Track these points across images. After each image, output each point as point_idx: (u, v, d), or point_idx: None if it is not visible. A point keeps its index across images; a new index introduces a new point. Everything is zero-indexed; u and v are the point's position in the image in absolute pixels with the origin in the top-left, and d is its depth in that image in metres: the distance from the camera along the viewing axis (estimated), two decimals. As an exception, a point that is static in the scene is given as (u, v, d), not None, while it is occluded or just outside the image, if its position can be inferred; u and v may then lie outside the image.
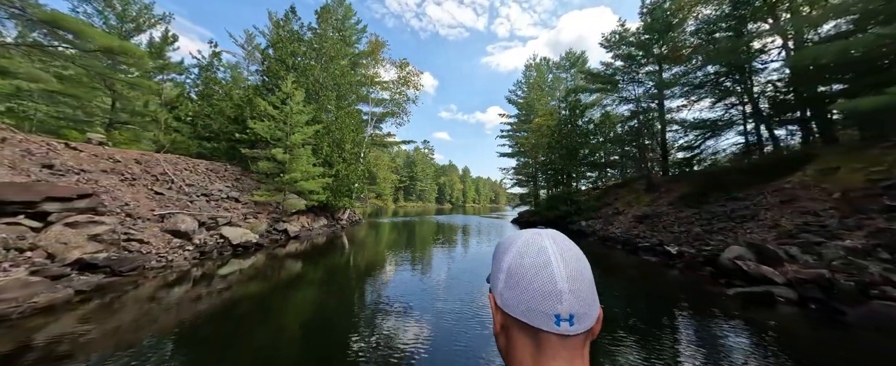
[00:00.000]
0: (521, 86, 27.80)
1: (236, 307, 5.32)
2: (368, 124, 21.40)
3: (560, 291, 0.42)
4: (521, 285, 0.44)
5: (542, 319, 0.42)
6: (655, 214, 12.38)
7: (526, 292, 0.43)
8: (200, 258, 8.24)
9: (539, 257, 0.44)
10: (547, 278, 0.42)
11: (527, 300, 0.43)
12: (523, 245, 0.47)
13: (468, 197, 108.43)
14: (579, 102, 18.94)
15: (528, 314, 0.42)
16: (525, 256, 0.45)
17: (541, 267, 0.43)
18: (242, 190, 13.03)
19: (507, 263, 0.47)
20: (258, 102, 13.48)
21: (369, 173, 22.07)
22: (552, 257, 0.44)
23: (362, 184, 19.84)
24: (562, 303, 0.41)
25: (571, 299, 0.42)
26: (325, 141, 15.68)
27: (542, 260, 0.44)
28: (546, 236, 0.48)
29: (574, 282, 0.43)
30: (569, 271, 0.43)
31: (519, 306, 0.43)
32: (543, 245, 0.46)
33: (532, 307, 0.42)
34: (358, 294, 6.43)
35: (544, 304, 0.42)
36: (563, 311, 0.41)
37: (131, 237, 7.35)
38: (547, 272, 0.43)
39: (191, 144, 15.43)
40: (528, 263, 0.45)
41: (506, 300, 0.45)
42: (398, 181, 78.65)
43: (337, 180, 16.71)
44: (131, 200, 8.32)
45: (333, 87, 16.87)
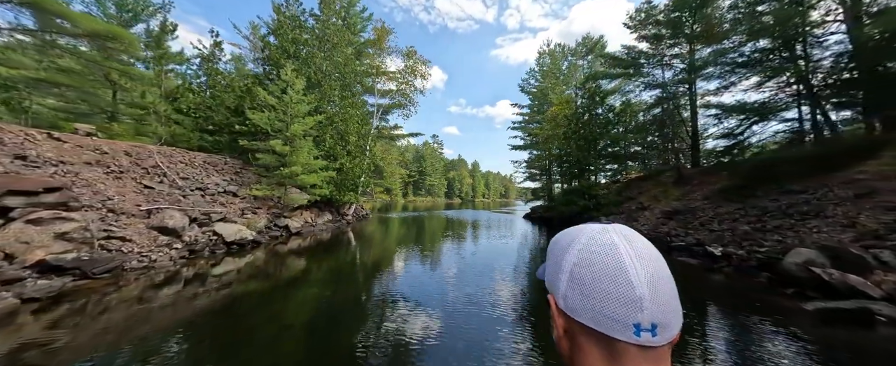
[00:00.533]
0: (535, 74, 26.37)
1: (219, 316, 4.57)
2: (374, 116, 20.55)
3: (639, 296, 0.36)
4: (590, 290, 0.38)
5: (617, 328, 0.37)
6: (688, 209, 11.14)
7: (596, 297, 0.38)
8: (189, 257, 7.59)
9: (610, 257, 0.39)
10: (622, 282, 0.37)
11: (597, 307, 0.38)
12: (588, 242, 0.42)
13: (478, 192, 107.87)
14: (599, 88, 17.56)
15: (600, 322, 0.37)
16: (592, 254, 0.40)
17: (613, 269, 0.38)
18: (242, 184, 12.41)
19: (569, 262, 0.42)
20: (257, 92, 12.78)
21: (375, 167, 21.30)
22: (625, 257, 0.38)
23: (368, 178, 19.11)
24: (642, 311, 0.36)
25: (653, 306, 0.36)
26: (327, 133, 14.92)
27: (614, 260, 0.39)
28: (614, 232, 0.42)
29: (655, 286, 0.37)
30: (648, 274, 0.38)
31: (587, 313, 0.38)
32: (612, 242, 0.40)
33: (605, 314, 0.37)
34: (359, 297, 5.64)
35: (620, 311, 0.36)
36: (644, 320, 0.36)
37: (112, 235, 6.71)
38: (622, 275, 0.37)
39: (192, 136, 14.91)
40: (596, 263, 0.39)
41: (570, 304, 0.40)
42: (407, 176, 79.47)
43: (341, 174, 15.98)
44: (116, 194, 7.70)
45: (337, 77, 16.04)
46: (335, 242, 11.50)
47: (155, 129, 13.48)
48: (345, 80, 16.41)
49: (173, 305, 4.84)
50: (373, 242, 12.34)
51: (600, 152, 17.41)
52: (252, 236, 9.48)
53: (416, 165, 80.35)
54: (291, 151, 12.34)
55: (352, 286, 6.46)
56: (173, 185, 9.67)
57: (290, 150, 12.32)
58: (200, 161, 11.81)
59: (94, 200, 7.07)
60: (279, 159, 12.35)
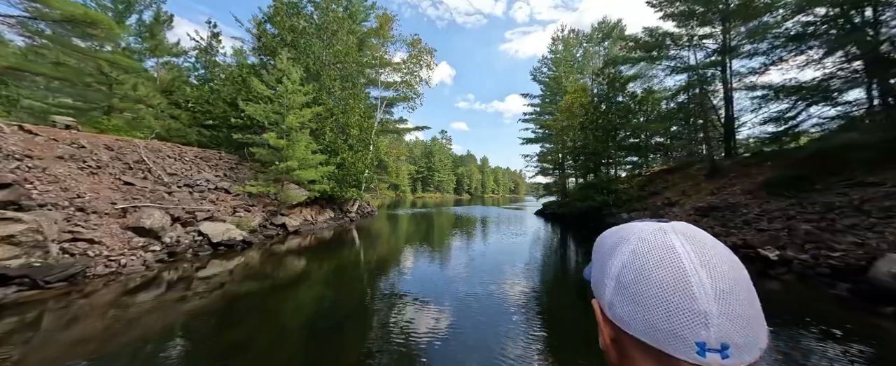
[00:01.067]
0: (547, 62, 24.91)
1: (186, 331, 3.74)
2: (378, 109, 19.66)
3: (704, 312, 0.30)
4: (642, 299, 0.33)
5: (675, 345, 0.31)
6: (727, 205, 9.85)
7: (649, 308, 0.33)
8: (169, 260, 6.86)
9: (667, 263, 0.33)
10: (682, 293, 0.31)
11: (650, 319, 0.32)
12: (640, 244, 0.36)
13: (487, 187, 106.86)
14: (620, 73, 16.15)
15: (654, 336, 0.32)
16: (644, 259, 0.35)
17: (671, 277, 0.32)
18: (237, 180, 11.72)
19: (615, 266, 0.37)
20: (252, 82, 12.01)
21: (380, 162, 20.46)
22: (687, 263, 0.33)
23: (372, 173, 18.29)
24: (708, 328, 0.30)
25: (724, 322, 0.30)
26: (327, 126, 14.09)
27: (673, 267, 0.33)
28: (674, 233, 0.36)
29: (727, 299, 0.31)
30: (716, 284, 0.31)
31: (638, 324, 0.33)
32: (670, 245, 0.34)
33: (659, 328, 0.32)
34: (355, 304, 4.80)
35: (679, 327, 0.31)
36: (711, 339, 0.30)
37: (78, 236, 6.01)
38: (682, 284, 0.32)
39: (189, 131, 14.35)
40: (649, 269, 0.34)
41: (618, 313, 0.35)
42: (415, 172, 79.05)
43: (342, 169, 15.18)
44: (88, 191, 7.01)
45: (337, 67, 15.15)
46: (335, 242, 10.70)
47: (149, 123, 12.91)
48: (346, 70, 15.52)
49: (133, 319, 4.04)
50: (376, 241, 11.50)
51: (620, 144, 16.07)
52: (242, 236, 8.74)
53: (425, 160, 79.95)
54: (287, 144, 11.55)
55: (347, 292, 5.60)
56: (158, 181, 8.98)
57: (287, 143, 11.53)
58: (192, 156, 11.15)
59: (61, 198, 6.37)
60: (275, 154, 11.59)
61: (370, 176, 17.93)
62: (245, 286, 5.64)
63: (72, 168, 7.29)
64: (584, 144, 17.28)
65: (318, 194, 14.20)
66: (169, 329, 3.93)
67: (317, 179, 12.81)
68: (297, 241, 10.38)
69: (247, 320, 4.24)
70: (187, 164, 10.61)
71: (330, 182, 14.39)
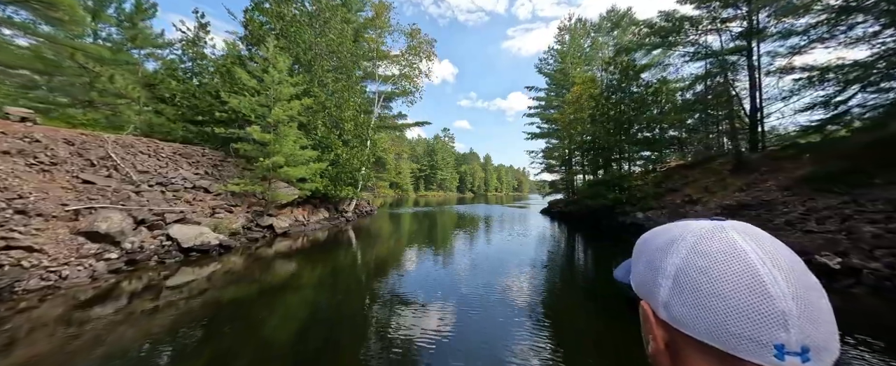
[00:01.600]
0: (553, 53, 23.76)
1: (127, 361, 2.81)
2: (375, 104, 18.68)
3: (783, 311, 0.28)
4: (710, 297, 0.31)
5: (750, 348, 0.29)
6: (761, 203, 8.78)
7: (717, 309, 0.30)
8: (127, 270, 5.96)
9: (734, 261, 0.31)
10: (756, 292, 0.29)
11: (719, 321, 0.30)
12: (699, 241, 0.34)
13: (490, 185, 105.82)
14: (633, 62, 15.00)
15: (722, 339, 0.30)
16: (708, 257, 0.32)
17: (742, 275, 0.30)
18: (219, 178, 10.84)
19: (672, 265, 0.34)
20: (237, 73, 11.09)
21: (378, 159, 19.52)
22: (757, 261, 0.31)
23: (370, 171, 17.36)
24: (788, 329, 0.28)
25: (805, 323, 0.28)
26: (319, 119, 13.15)
27: (742, 265, 0.31)
28: (734, 230, 0.34)
29: (805, 299, 0.29)
30: (792, 283, 0.29)
31: (703, 326, 0.31)
32: (733, 242, 0.32)
33: (730, 331, 0.29)
34: (343, 319, 3.87)
35: (754, 329, 0.29)
36: (791, 341, 0.28)
37: (12, 244, 5.12)
38: (754, 284, 0.30)
39: (175, 126, 13.48)
40: (716, 268, 0.31)
41: (678, 315, 0.33)
42: (418, 170, 78.11)
43: (336, 167, 14.26)
44: (34, 190, 6.12)
45: (330, 57, 14.19)
46: (328, 245, 9.81)
47: (128, 117, 12.06)
48: (340, 61, 14.55)
49: (56, 347, 3.13)
50: (372, 243, 10.59)
51: (633, 137, 14.97)
52: (219, 240, 7.84)
53: (427, 158, 79.13)
54: (274, 139, 10.63)
55: (334, 304, 4.72)
56: (126, 179, 8.10)
57: (273, 138, 10.61)
58: (169, 152, 10.26)
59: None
60: (260, 149, 10.68)
61: (368, 174, 17.00)
62: (212, 298, 4.74)
63: (17, 164, 6.41)
64: (594, 138, 16.18)
65: (311, 193, 13.31)
66: (102, 357, 3.01)
67: (307, 177, 11.90)
68: (286, 243, 9.50)
69: (211, 341, 3.31)
70: (163, 161, 9.73)
71: (323, 180, 13.47)
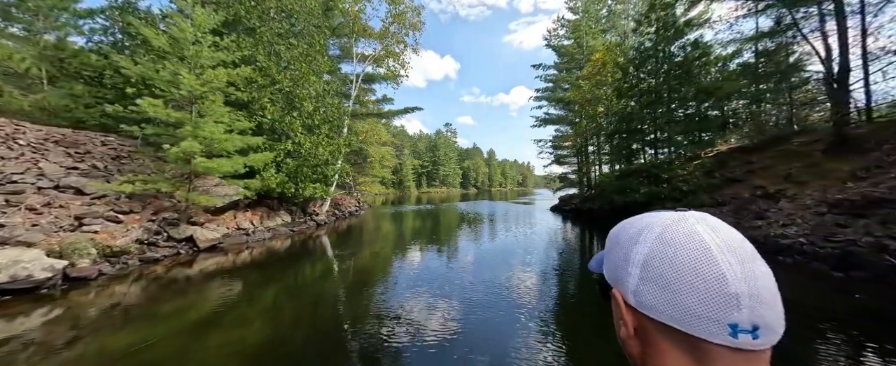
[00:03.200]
0: (564, 23, 20.30)
1: None
2: (353, 85, 15.61)
3: (736, 293, 0.32)
4: (673, 283, 0.34)
5: (709, 327, 0.32)
6: (918, 196, 5.55)
7: (680, 293, 0.33)
8: None
9: (694, 248, 0.34)
10: (713, 276, 0.32)
11: (682, 304, 0.33)
12: (664, 231, 0.36)
13: (494, 181, 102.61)
14: (674, 17, 11.66)
15: (686, 321, 0.33)
16: (672, 245, 0.35)
17: (700, 261, 0.33)
18: (116, 174, 7.92)
19: (640, 253, 0.37)
20: (135, 27, 8.11)
21: (359, 151, 16.52)
22: (714, 248, 0.33)
23: (346, 166, 14.39)
24: (740, 309, 0.32)
25: (754, 303, 0.32)
26: (265, 96, 10.13)
27: (701, 252, 0.34)
28: (695, 220, 0.37)
29: (753, 281, 0.32)
30: (744, 267, 0.33)
31: (668, 310, 0.34)
32: (694, 231, 0.35)
33: (692, 313, 0.33)
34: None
35: (712, 310, 0.32)
36: (744, 319, 0.31)
37: None
38: (711, 268, 0.33)
39: (93, 111, 10.62)
40: (679, 255, 0.34)
41: (645, 300, 0.35)
42: (420, 166, 74.97)
43: (297, 159, 11.29)
44: None
45: (281, 17, 11.11)
46: (272, 261, 6.91)
47: (12, 97, 9.19)
48: (296, 23, 11.48)
49: None
50: (338, 256, 7.66)
51: (673, 114, 11.71)
52: (58, 270, 4.89)
53: (430, 154, 76.37)
54: (187, 118, 7.65)
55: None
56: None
57: (186, 117, 7.63)
58: (34, 138, 7.33)
59: None
60: (169, 133, 7.72)
61: (343, 169, 14.01)
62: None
63: None
64: (621, 118, 12.93)
65: (262, 193, 10.38)
66: None
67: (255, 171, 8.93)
68: (212, 261, 6.62)
69: None
70: (18, 150, 6.80)
71: (278, 176, 10.52)
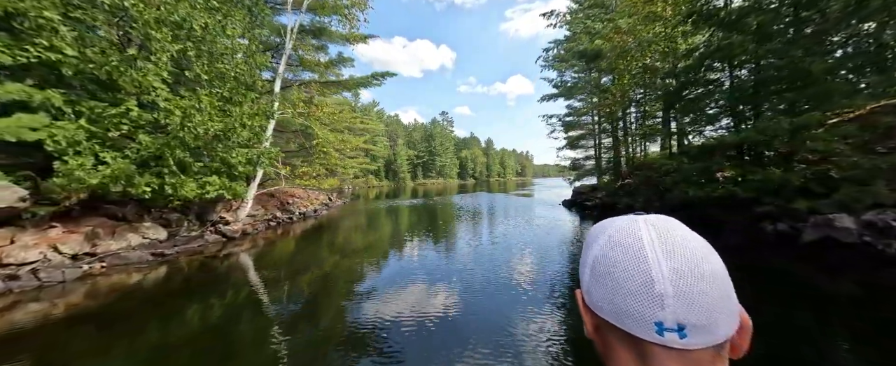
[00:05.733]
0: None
1: None
2: (287, 37, 10.69)
3: (660, 293, 0.33)
4: (608, 281, 0.36)
5: (637, 326, 0.34)
6: None
7: (616, 292, 0.35)
8: None
9: (631, 250, 0.35)
10: (640, 276, 0.34)
11: (618, 303, 0.35)
12: (614, 233, 0.38)
13: (492, 171, 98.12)
14: None
15: (621, 319, 0.35)
16: (615, 248, 0.37)
17: (632, 262, 0.35)
18: None
19: (592, 256, 0.39)
20: None
21: (305, 132, 11.74)
22: (649, 250, 0.35)
23: (270, 152, 9.67)
24: (663, 308, 0.32)
25: (678, 303, 0.32)
26: (54, 12, 5.27)
27: (635, 253, 0.35)
28: (644, 222, 0.38)
29: (682, 280, 0.33)
30: (674, 269, 0.33)
31: (608, 308, 0.36)
32: (637, 234, 0.36)
33: (625, 311, 0.34)
34: None
35: (638, 308, 0.33)
36: (667, 318, 0.32)
37: None
38: (638, 266, 0.34)
39: None
40: (617, 257, 0.36)
41: (593, 299, 0.38)
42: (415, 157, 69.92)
43: (160, 137, 6.57)
44: None
45: None
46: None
47: None
48: None
49: None
50: (222, 303, 3.02)
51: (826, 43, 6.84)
52: None
53: (425, 144, 71.72)
54: None
55: None
56: None
57: None
58: None
59: None
60: None
61: (263, 155, 9.24)
62: None
63: None
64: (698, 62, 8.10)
65: (98, 193, 5.72)
66: None
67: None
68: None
69: None
70: None
71: (111, 167, 5.80)
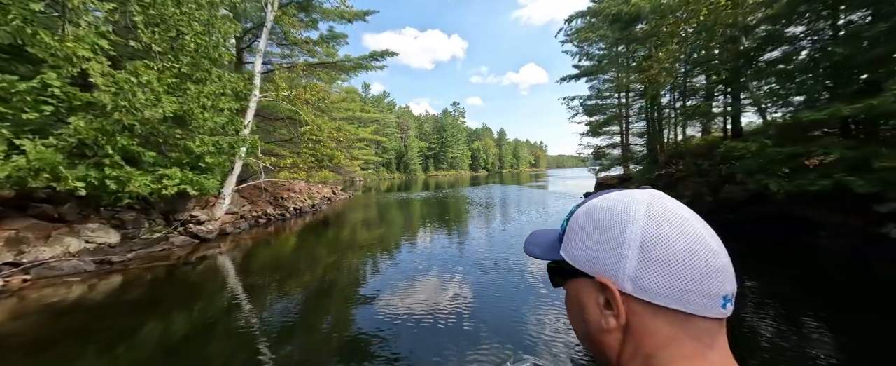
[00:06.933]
0: None
1: None
2: (268, 6, 9.20)
3: (725, 265, 0.32)
4: (675, 263, 0.32)
5: (705, 303, 0.31)
6: None
7: (688, 274, 0.31)
8: None
9: (686, 224, 0.33)
10: (709, 252, 0.32)
11: (690, 285, 0.31)
12: (651, 209, 0.34)
13: (505, 162, 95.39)
14: None
15: (686, 300, 0.31)
16: (666, 224, 0.33)
17: (687, 234, 0.32)
18: None
19: (634, 235, 0.33)
20: None
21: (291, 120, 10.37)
22: (697, 224, 0.33)
23: (250, 140, 8.37)
24: (730, 281, 0.32)
25: (732, 274, 0.33)
26: None
27: (692, 228, 0.33)
28: (662, 197, 0.36)
29: (723, 249, 0.33)
30: (717, 240, 0.33)
31: (673, 292, 0.32)
32: (669, 203, 0.35)
33: (692, 290, 0.31)
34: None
35: (711, 284, 0.31)
36: (729, 291, 0.32)
37: None
38: (702, 243, 0.32)
39: None
40: (678, 234, 0.32)
41: (647, 284, 0.32)
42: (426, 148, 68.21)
43: (96, 122, 5.28)
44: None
45: None
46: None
47: None
48: None
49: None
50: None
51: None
52: None
53: (436, 136, 70.03)
54: None
55: None
56: None
57: None
58: None
59: None
60: None
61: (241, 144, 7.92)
62: None
63: None
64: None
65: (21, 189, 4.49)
66: None
67: None
68: None
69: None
70: None
71: (14, 162, 4.55)
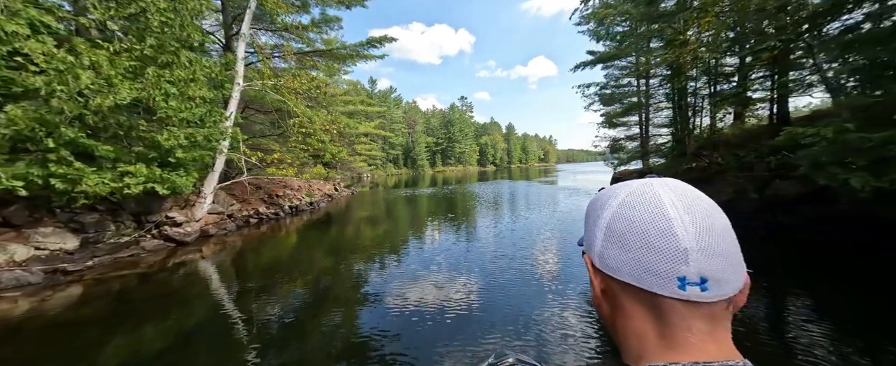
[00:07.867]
0: None
1: None
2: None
3: (685, 249, 0.33)
4: (629, 242, 0.36)
5: (661, 283, 0.34)
6: None
7: (637, 251, 0.35)
8: None
9: (652, 208, 0.36)
10: (665, 233, 0.34)
11: (638, 262, 0.35)
12: (628, 196, 0.38)
13: (514, 157, 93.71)
14: None
15: (642, 278, 0.35)
16: (632, 208, 0.37)
17: (656, 220, 0.35)
18: None
19: (605, 218, 0.39)
20: None
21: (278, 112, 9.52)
22: (670, 208, 0.35)
23: (225, 132, 7.58)
24: (688, 263, 0.33)
25: (702, 257, 0.33)
26: None
27: (657, 211, 0.35)
28: (659, 185, 0.38)
29: (705, 237, 0.34)
30: (697, 224, 0.34)
31: (627, 269, 0.36)
32: (656, 193, 0.37)
33: (647, 269, 0.34)
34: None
35: (663, 265, 0.34)
36: (690, 272, 0.33)
37: None
38: (664, 226, 0.34)
39: None
40: (637, 216, 0.36)
41: (607, 261, 0.38)
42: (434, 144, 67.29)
43: (33, 111, 4.50)
44: None
45: None
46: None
47: None
48: None
49: None
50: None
51: None
52: None
53: (444, 131, 69.11)
54: None
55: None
56: None
57: None
58: None
59: None
60: None
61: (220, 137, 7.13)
62: None
63: None
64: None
65: None
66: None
67: None
68: None
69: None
70: None
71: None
